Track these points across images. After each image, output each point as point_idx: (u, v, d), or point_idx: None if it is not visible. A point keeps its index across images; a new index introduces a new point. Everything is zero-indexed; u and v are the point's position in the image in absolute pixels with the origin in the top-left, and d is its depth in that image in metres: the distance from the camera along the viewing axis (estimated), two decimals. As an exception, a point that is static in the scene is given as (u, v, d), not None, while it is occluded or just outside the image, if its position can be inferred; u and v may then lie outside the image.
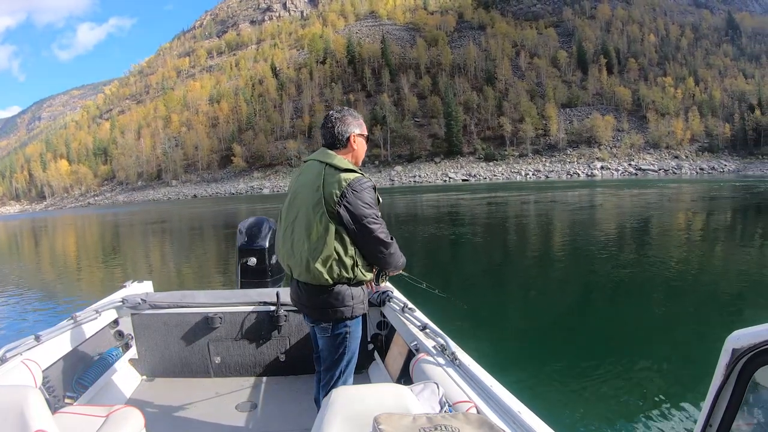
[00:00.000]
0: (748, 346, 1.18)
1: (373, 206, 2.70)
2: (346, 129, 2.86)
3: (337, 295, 2.76)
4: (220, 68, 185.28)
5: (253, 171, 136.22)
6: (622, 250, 15.81)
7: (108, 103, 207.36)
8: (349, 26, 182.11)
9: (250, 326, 4.29)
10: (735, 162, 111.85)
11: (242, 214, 43.79)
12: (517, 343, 8.05)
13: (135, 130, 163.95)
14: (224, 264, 16.74)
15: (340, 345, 2.89)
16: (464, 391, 2.47)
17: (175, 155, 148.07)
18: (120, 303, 4.25)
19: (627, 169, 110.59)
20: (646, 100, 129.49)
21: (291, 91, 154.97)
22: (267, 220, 5.26)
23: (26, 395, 2.05)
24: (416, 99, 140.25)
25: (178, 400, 3.93)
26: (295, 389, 4.13)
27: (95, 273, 18.09)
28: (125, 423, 2.47)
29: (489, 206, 38.00)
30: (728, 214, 26.58)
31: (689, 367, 6.63)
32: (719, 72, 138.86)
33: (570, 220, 26.56)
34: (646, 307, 9.51)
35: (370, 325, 4.36)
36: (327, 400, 1.99)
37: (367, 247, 2.75)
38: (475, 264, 15.40)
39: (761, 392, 1.25)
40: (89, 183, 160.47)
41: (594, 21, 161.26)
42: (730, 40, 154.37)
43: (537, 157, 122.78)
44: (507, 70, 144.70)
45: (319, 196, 2.67)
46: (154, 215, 53.91)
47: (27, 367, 2.92)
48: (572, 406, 5.67)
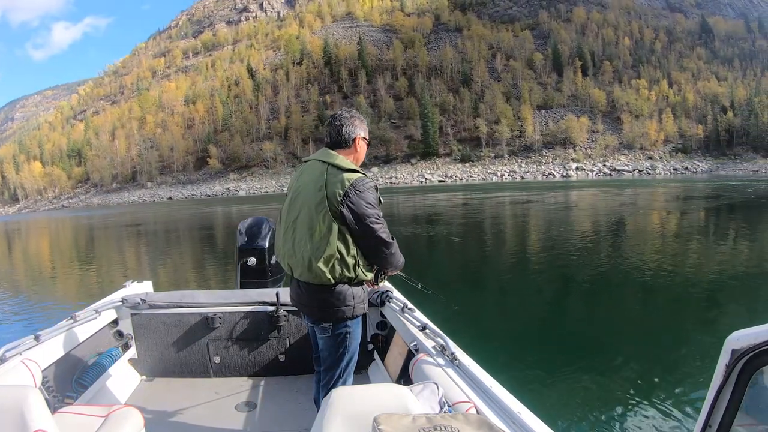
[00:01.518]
0: (748, 347, 1.18)
1: (375, 206, 2.74)
2: (353, 130, 2.92)
3: (338, 294, 2.78)
4: (196, 69, 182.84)
5: (229, 173, 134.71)
6: (618, 250, 15.92)
7: (82, 104, 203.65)
8: (325, 27, 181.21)
9: (250, 326, 4.31)
10: (708, 162, 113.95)
11: (220, 217, 43.70)
12: (517, 344, 8.06)
13: (109, 132, 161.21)
14: (214, 266, 16.76)
15: (340, 345, 2.92)
16: (464, 392, 2.49)
17: (150, 157, 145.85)
18: (119, 303, 4.27)
19: (602, 170, 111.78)
20: (621, 102, 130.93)
21: (267, 92, 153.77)
22: (267, 220, 5.29)
23: (26, 395, 2.05)
24: (392, 100, 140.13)
25: (177, 400, 3.93)
26: (295, 389, 4.16)
27: (71, 279, 17.42)
28: (125, 423, 2.46)
29: (470, 207, 38.30)
30: (715, 214, 27.16)
31: (689, 367, 6.66)
32: (692, 75, 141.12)
33: (557, 219, 26.76)
34: (645, 308, 9.60)
35: (369, 325, 4.37)
36: (327, 400, 1.99)
37: (368, 247, 2.79)
38: (468, 264, 15.34)
39: (761, 393, 1.25)
40: (63, 185, 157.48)
41: (569, 24, 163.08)
42: (704, 44, 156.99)
43: (513, 158, 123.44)
44: (483, 72, 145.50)
45: (322, 195, 2.70)
46: (128, 218, 52.78)
47: (26, 366, 2.95)
48: (572, 406, 5.69)
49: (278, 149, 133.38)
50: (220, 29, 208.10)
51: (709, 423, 1.28)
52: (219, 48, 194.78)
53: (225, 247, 21.23)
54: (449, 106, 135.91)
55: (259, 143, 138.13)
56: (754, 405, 1.26)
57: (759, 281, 11.08)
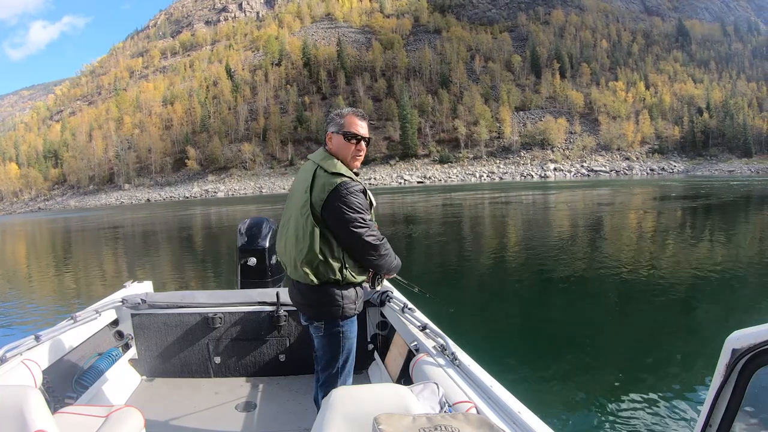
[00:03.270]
0: (748, 347, 1.18)
1: (359, 210, 2.69)
2: (326, 128, 2.96)
3: (325, 295, 2.79)
4: (174, 69, 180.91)
5: (207, 174, 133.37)
6: (618, 250, 15.88)
7: (59, 104, 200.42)
8: (304, 28, 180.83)
9: (250, 326, 4.32)
10: (684, 163, 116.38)
11: (199, 219, 43.18)
12: (518, 344, 8.08)
13: (86, 132, 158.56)
14: (214, 267, 16.83)
15: (333, 344, 2.92)
16: (464, 392, 2.49)
17: (128, 158, 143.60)
18: (120, 303, 4.27)
19: (579, 171, 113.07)
20: (598, 104, 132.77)
21: (246, 93, 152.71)
22: (267, 220, 5.32)
23: (26, 395, 2.05)
24: (371, 102, 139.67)
25: (177, 401, 3.95)
26: (295, 389, 4.16)
27: (67, 282, 16.88)
28: (125, 423, 2.48)
29: (453, 207, 38.54)
30: (709, 212, 27.77)
31: (689, 367, 6.69)
32: (669, 77, 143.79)
33: (547, 220, 26.91)
34: (646, 308, 9.57)
35: (370, 325, 4.39)
36: (327, 400, 1.99)
37: (355, 251, 2.78)
38: (468, 264, 15.28)
39: (761, 393, 1.24)
40: (39, 187, 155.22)
41: (548, 26, 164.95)
42: (680, 47, 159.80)
43: (491, 159, 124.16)
44: (462, 73, 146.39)
45: (306, 198, 2.71)
46: (109, 221, 51.87)
47: (27, 367, 2.97)
48: (572, 406, 5.69)
49: (257, 150, 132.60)
50: (198, 29, 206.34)
51: (709, 423, 1.28)
52: (197, 48, 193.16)
53: (225, 247, 21.20)
54: (428, 108, 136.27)
55: (237, 144, 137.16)
56: (754, 405, 1.26)
57: (759, 281, 11.21)
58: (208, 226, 34.71)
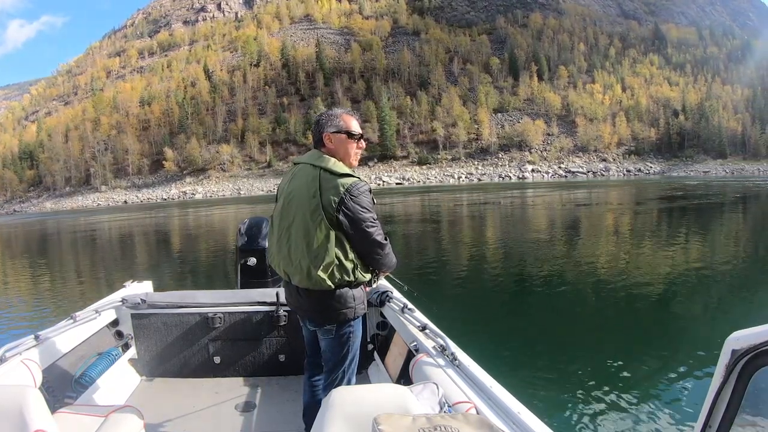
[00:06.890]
0: (748, 347, 1.18)
1: (370, 210, 2.73)
2: (319, 130, 2.91)
3: (339, 298, 2.78)
4: (152, 69, 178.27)
5: (185, 176, 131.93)
6: (616, 250, 15.99)
7: (34, 104, 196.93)
8: (283, 29, 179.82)
9: (250, 326, 4.31)
10: (660, 164, 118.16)
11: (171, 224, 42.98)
12: (518, 344, 8.09)
13: (63, 133, 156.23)
14: (214, 267, 16.82)
15: (344, 345, 2.93)
16: (464, 392, 2.49)
17: (105, 159, 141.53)
18: (120, 303, 4.28)
19: (557, 172, 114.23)
20: (575, 106, 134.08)
21: (224, 94, 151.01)
22: (267, 220, 5.17)
23: (26, 395, 2.06)
24: (350, 103, 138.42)
25: (177, 401, 3.95)
26: (295, 389, 4.08)
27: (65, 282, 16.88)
28: (124, 423, 2.49)
29: (436, 207, 39.07)
30: (706, 213, 27.93)
31: (689, 367, 6.66)
32: (645, 80, 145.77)
33: (535, 219, 27.18)
34: (645, 307, 9.61)
35: (369, 325, 4.37)
36: (327, 400, 2.00)
37: (364, 250, 2.79)
38: (466, 264, 15.23)
39: (761, 393, 1.24)
40: (15, 189, 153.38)
41: (526, 29, 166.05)
42: (657, 50, 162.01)
43: (469, 160, 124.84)
44: (440, 75, 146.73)
45: (316, 202, 2.67)
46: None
47: (26, 366, 2.98)
48: (571, 406, 5.68)
49: (235, 152, 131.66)
50: (176, 29, 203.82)
51: (709, 423, 1.28)
52: (175, 48, 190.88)
53: (222, 248, 21.14)
54: (406, 109, 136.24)
55: (215, 146, 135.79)
56: (754, 405, 1.26)
57: (759, 281, 11.37)
58: (198, 227, 34.19)
